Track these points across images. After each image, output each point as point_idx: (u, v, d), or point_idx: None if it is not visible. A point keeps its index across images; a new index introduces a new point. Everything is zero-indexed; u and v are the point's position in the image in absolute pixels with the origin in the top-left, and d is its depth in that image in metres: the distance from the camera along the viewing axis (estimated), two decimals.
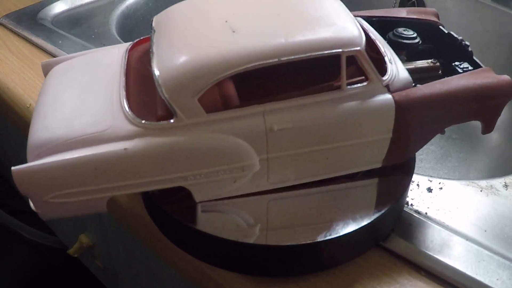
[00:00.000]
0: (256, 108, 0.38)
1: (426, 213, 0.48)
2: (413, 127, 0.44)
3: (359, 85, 0.41)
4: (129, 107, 0.39)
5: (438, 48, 0.52)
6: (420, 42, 0.50)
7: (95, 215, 0.70)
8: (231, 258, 0.42)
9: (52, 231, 0.91)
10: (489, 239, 0.47)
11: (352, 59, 0.40)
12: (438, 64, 0.49)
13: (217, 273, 0.44)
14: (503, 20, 0.88)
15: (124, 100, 0.40)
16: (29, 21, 0.81)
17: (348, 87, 0.41)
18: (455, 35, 0.51)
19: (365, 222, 0.41)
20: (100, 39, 0.76)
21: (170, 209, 0.41)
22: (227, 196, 0.42)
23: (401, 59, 0.46)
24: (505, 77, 0.44)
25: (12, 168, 0.36)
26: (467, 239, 0.46)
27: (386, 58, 0.43)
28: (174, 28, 0.42)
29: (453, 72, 0.47)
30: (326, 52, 0.38)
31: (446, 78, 0.44)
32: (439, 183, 0.52)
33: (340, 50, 0.39)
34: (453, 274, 0.43)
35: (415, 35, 0.50)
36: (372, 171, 0.46)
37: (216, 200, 0.42)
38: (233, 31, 0.39)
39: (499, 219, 0.49)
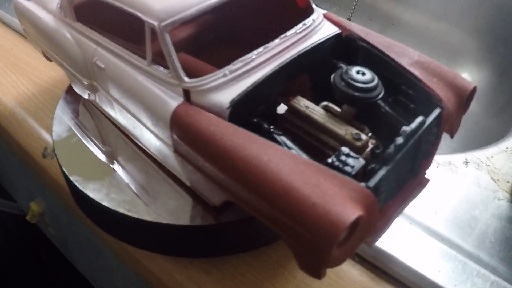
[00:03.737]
0: (98, 37, 0.40)
1: None
2: (187, 158, 0.33)
3: (161, 68, 0.33)
4: None
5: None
6: (378, 98, 0.31)
7: (38, 184, 0.65)
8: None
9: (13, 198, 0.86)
10: (438, 222, 0.41)
11: None
12: (364, 142, 0.30)
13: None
14: None
15: None
16: None
17: (153, 64, 0.34)
18: (435, 128, 0.32)
19: None
20: None
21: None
22: (89, 99, 0.46)
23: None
24: (346, 214, 0.24)
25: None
26: (411, 223, 0.40)
27: (226, 69, 0.31)
28: None
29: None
30: (131, 10, 0.34)
31: (282, 151, 0.27)
32: None
33: (139, 14, 0.33)
34: (389, 262, 0.38)
35: (372, 84, 0.31)
36: None
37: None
38: None
39: (452, 200, 0.43)
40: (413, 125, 0.29)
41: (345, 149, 0.28)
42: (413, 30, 0.87)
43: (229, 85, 0.31)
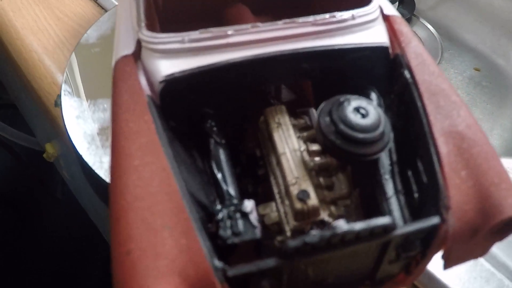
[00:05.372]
0: None
1: None
2: None
3: None
4: None
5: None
6: (371, 158, 0.21)
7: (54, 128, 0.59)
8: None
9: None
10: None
11: None
12: (309, 208, 0.21)
13: None
14: None
15: None
16: None
17: None
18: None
19: None
20: None
21: None
22: None
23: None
24: None
25: None
26: None
27: (187, 34, 0.24)
28: None
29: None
30: None
31: (163, 165, 0.21)
32: None
33: None
34: None
35: (370, 135, 0.20)
36: None
37: None
38: None
39: None
40: (358, 226, 0.18)
41: (248, 205, 0.20)
42: (474, 4, 0.78)
43: (182, 55, 0.23)
